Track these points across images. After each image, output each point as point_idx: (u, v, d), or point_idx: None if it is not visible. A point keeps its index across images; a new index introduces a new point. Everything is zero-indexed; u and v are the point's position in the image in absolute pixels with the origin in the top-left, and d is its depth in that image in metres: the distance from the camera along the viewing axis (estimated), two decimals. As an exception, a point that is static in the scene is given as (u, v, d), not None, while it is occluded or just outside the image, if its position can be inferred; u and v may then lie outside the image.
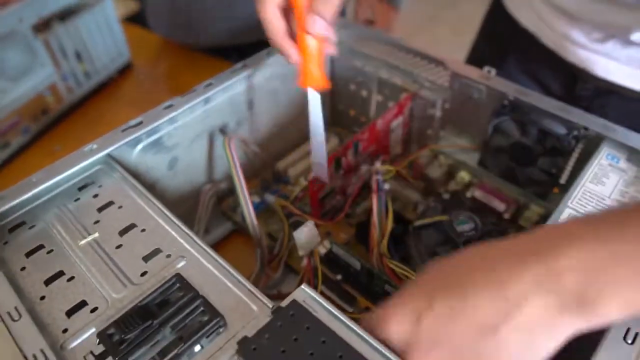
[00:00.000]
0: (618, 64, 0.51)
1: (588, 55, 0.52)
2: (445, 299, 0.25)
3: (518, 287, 0.24)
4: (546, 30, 0.57)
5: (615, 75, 0.52)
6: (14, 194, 0.37)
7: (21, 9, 0.61)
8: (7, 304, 0.29)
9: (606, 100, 0.54)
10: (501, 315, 0.24)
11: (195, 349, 0.28)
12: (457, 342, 0.25)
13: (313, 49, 0.40)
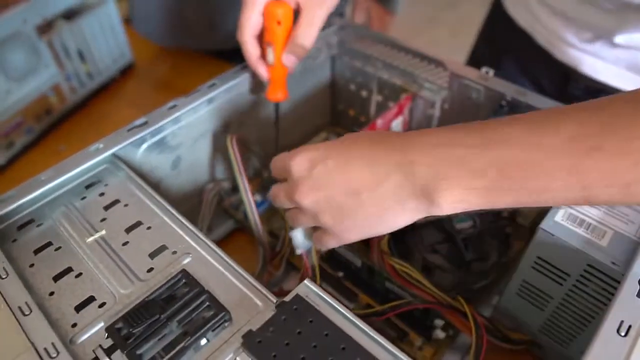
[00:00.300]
0: (605, 63, 0.52)
1: (577, 54, 0.53)
2: (336, 158, 0.32)
3: (384, 167, 0.30)
4: (540, 29, 0.58)
5: (603, 75, 0.53)
6: (23, 192, 0.37)
7: (25, 10, 0.62)
8: (17, 299, 0.30)
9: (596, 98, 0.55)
10: (366, 184, 0.30)
11: (201, 343, 0.29)
12: (330, 192, 0.32)
13: (281, 74, 0.49)
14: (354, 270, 0.46)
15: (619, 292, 0.29)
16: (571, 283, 0.35)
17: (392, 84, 0.55)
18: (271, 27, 0.45)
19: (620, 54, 0.51)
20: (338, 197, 0.31)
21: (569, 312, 0.37)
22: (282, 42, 0.46)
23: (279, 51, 0.46)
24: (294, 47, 0.46)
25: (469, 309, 0.37)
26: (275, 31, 0.45)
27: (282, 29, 0.45)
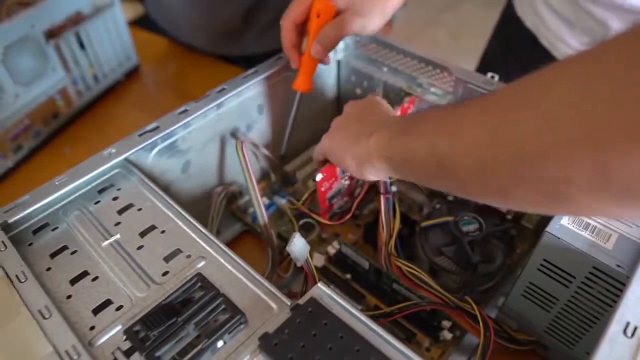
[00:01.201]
0: None
1: None
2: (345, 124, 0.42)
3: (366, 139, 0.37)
4: (544, 30, 0.60)
5: None
6: (37, 197, 0.38)
7: (33, 15, 0.62)
8: (37, 303, 0.30)
9: None
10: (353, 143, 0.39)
11: (218, 345, 0.29)
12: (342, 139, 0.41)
13: (310, 65, 0.51)
14: (361, 272, 0.47)
15: (625, 294, 0.30)
16: (577, 285, 0.36)
17: (398, 88, 0.55)
18: (311, 18, 0.48)
19: None
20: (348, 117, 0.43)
21: (575, 313, 0.37)
22: (316, 34, 0.48)
23: (310, 41, 0.49)
24: (322, 37, 0.48)
25: (477, 309, 0.38)
26: (312, 22, 0.48)
27: (318, 22, 0.48)
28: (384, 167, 0.36)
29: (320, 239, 0.52)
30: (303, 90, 0.52)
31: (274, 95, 0.54)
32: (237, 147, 0.47)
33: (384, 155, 0.35)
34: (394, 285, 0.45)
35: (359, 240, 0.52)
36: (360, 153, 0.37)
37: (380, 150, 0.35)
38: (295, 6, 0.48)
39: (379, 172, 0.37)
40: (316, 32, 0.48)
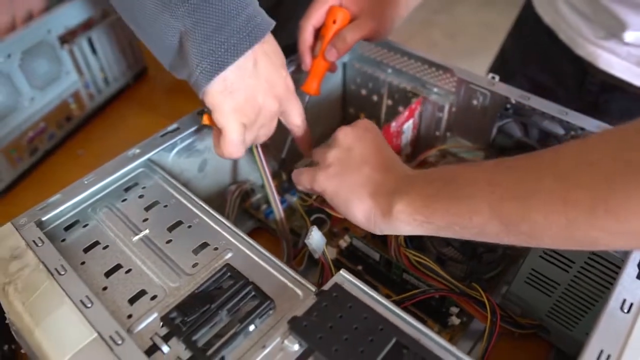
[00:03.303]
0: (618, 58, 0.56)
1: (594, 49, 0.58)
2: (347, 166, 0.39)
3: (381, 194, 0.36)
4: (563, 26, 0.63)
5: (617, 70, 0.57)
6: (68, 195, 0.40)
7: (49, 21, 0.64)
8: (79, 293, 0.33)
9: (610, 95, 0.59)
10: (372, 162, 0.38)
11: (250, 329, 0.32)
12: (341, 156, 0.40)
13: (321, 68, 0.53)
14: (372, 263, 0.50)
15: (621, 275, 0.32)
16: (576, 270, 0.39)
17: (402, 89, 0.58)
18: (328, 23, 0.51)
19: (631, 50, 0.55)
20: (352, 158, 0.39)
21: (574, 296, 0.40)
22: (330, 38, 0.51)
23: (325, 45, 0.51)
24: (337, 41, 0.50)
25: (485, 295, 0.40)
26: (328, 27, 0.51)
27: (334, 27, 0.51)
28: (411, 229, 0.35)
29: (331, 233, 0.54)
30: (312, 92, 0.54)
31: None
32: (253, 147, 0.49)
33: (417, 220, 0.34)
34: (404, 275, 0.47)
35: (368, 234, 0.54)
36: (376, 212, 0.36)
37: (413, 214, 0.34)
38: (315, 11, 0.51)
39: (399, 231, 0.36)
40: (331, 37, 0.51)
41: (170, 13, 0.37)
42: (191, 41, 0.37)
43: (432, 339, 0.30)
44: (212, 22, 0.37)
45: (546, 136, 0.48)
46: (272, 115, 0.44)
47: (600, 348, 0.29)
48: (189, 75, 0.39)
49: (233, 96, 0.40)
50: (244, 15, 0.38)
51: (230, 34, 0.38)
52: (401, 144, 0.58)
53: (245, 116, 0.41)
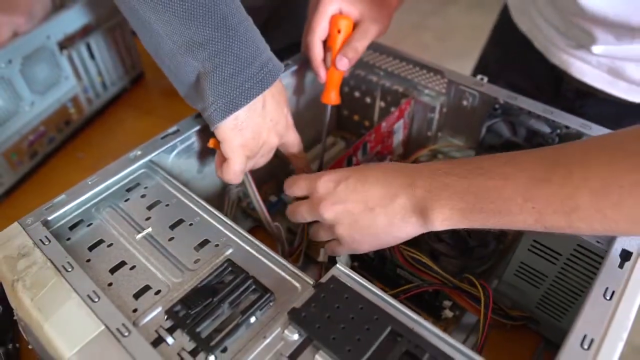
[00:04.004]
0: (590, 67, 0.58)
1: (567, 57, 0.60)
2: (357, 179, 0.39)
3: (394, 189, 0.37)
4: (537, 34, 0.65)
5: (588, 77, 0.59)
6: (73, 196, 0.41)
7: (49, 27, 0.65)
8: (86, 289, 0.34)
9: (585, 101, 0.61)
10: (379, 201, 0.38)
11: (251, 320, 0.33)
12: (349, 206, 0.39)
13: (336, 78, 0.54)
14: (367, 260, 0.51)
15: (604, 265, 0.34)
16: (563, 262, 0.40)
17: (394, 90, 0.60)
18: (333, 34, 0.52)
19: (600, 59, 0.57)
20: (355, 210, 0.39)
21: (561, 287, 0.42)
22: (339, 48, 0.52)
23: (334, 55, 0.53)
24: (347, 50, 0.52)
25: (479, 283, 0.42)
26: (335, 38, 0.52)
27: (341, 37, 0.52)
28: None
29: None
30: (333, 102, 0.56)
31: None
32: None
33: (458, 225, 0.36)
34: (398, 270, 0.49)
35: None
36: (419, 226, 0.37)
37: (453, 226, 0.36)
38: (318, 24, 0.51)
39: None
40: (340, 47, 0.52)
41: (192, 55, 0.40)
42: (209, 81, 0.41)
43: (425, 327, 0.31)
44: (230, 68, 0.41)
45: (533, 134, 0.50)
46: (273, 148, 0.49)
47: (584, 333, 0.30)
48: (202, 109, 0.43)
49: (242, 133, 0.43)
50: (258, 63, 0.42)
51: (245, 79, 0.41)
52: (393, 144, 0.59)
53: (250, 150, 0.45)
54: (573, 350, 0.30)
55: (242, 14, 0.42)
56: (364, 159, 0.56)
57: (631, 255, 0.35)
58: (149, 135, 0.48)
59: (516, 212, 0.33)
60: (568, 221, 0.31)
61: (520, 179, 0.33)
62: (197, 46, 0.40)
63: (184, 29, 0.39)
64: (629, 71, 0.55)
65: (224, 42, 0.40)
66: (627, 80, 0.56)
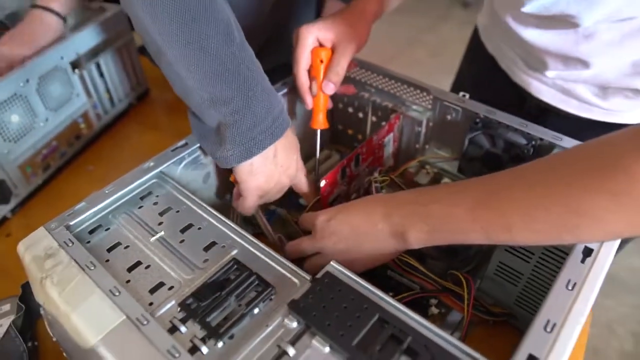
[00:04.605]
0: (546, 87, 0.64)
1: (526, 78, 0.65)
2: (344, 213, 0.47)
3: (375, 217, 0.44)
4: (502, 56, 0.70)
5: (545, 96, 0.64)
6: (92, 203, 0.46)
7: (62, 48, 0.70)
8: (108, 284, 0.38)
9: (546, 117, 0.67)
10: (363, 228, 0.45)
11: (255, 311, 0.37)
12: (341, 235, 0.46)
13: (322, 103, 0.59)
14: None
15: (568, 260, 0.39)
16: (535, 260, 0.45)
17: (385, 106, 0.65)
18: (315, 64, 0.57)
19: (554, 81, 0.62)
20: (346, 238, 0.45)
21: (535, 284, 0.46)
22: (324, 75, 0.57)
23: (320, 83, 0.57)
24: (330, 75, 0.57)
25: (461, 275, 0.46)
26: (318, 68, 0.57)
27: (323, 65, 0.57)
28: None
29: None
30: (321, 127, 0.61)
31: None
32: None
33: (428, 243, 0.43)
34: (388, 272, 0.53)
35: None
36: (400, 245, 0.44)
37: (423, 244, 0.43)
38: (301, 57, 0.57)
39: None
40: (324, 74, 0.57)
41: (216, 109, 0.47)
42: (228, 131, 0.47)
43: (409, 315, 0.36)
44: (248, 122, 0.47)
45: (511, 146, 0.55)
46: (284, 188, 0.56)
47: (548, 318, 0.35)
48: (220, 152, 0.49)
49: (256, 177, 0.51)
50: (271, 118, 0.49)
51: (260, 132, 0.48)
52: (384, 156, 0.64)
53: (263, 190, 0.53)
54: (537, 332, 0.34)
55: (261, 75, 0.49)
56: (356, 170, 0.60)
57: (592, 251, 0.39)
58: (154, 149, 0.52)
59: (469, 231, 0.40)
60: (509, 236, 0.38)
61: (467, 204, 0.40)
62: (221, 103, 0.46)
63: (211, 88, 0.46)
64: (578, 91, 0.61)
65: (244, 101, 0.47)
66: (578, 99, 0.62)
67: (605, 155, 0.35)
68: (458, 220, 0.40)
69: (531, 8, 0.55)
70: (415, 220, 0.42)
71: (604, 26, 0.53)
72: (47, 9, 0.73)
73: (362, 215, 0.46)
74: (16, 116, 0.65)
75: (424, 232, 0.42)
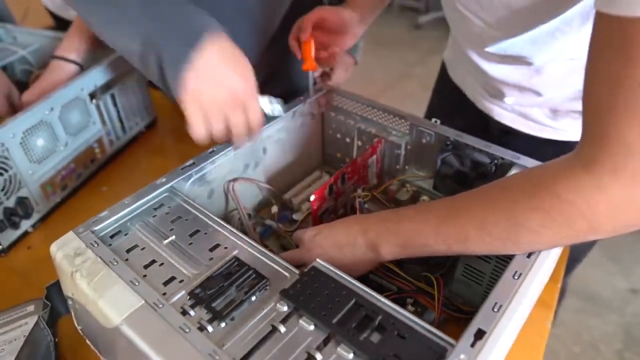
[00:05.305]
0: (506, 112, 0.73)
1: (489, 105, 0.74)
2: (329, 230, 0.54)
3: (354, 234, 0.52)
4: (466, 86, 0.79)
5: (506, 120, 0.73)
6: (113, 212, 0.53)
7: (82, 81, 0.79)
8: (129, 276, 0.45)
9: (508, 138, 0.75)
10: (344, 242, 0.52)
11: (252, 298, 0.44)
12: (325, 249, 0.52)
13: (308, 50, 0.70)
14: (346, 268, 0.62)
15: (517, 256, 0.46)
16: (495, 260, 0.52)
17: (368, 132, 0.73)
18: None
19: (513, 106, 0.71)
20: (329, 251, 0.52)
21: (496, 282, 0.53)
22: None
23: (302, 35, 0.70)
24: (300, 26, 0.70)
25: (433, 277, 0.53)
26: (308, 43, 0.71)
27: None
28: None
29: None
30: (313, 68, 0.71)
31: (273, 141, 0.71)
32: (229, 188, 0.64)
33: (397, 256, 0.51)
34: (370, 275, 0.60)
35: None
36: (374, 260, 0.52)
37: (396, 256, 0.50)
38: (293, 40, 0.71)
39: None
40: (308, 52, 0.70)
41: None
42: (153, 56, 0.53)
43: (380, 300, 0.43)
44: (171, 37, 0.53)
45: (477, 164, 0.63)
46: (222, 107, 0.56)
47: (495, 301, 0.42)
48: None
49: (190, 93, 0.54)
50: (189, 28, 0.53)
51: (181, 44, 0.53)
52: (368, 176, 0.72)
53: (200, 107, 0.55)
54: (486, 312, 0.41)
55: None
56: (343, 187, 0.68)
57: (536, 249, 0.47)
58: (161, 172, 0.59)
59: (433, 245, 0.47)
60: (465, 247, 0.46)
61: (431, 222, 0.48)
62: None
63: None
64: (533, 114, 0.70)
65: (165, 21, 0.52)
66: (534, 121, 0.71)
67: (540, 180, 0.43)
68: (424, 235, 0.48)
69: (492, 49, 0.65)
70: (387, 236, 0.50)
71: (552, 64, 0.62)
72: (67, 60, 0.82)
73: (344, 231, 0.53)
74: (41, 140, 0.73)
75: (396, 245, 0.49)
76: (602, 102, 0.37)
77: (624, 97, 0.35)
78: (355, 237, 0.51)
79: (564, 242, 0.45)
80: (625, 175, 0.37)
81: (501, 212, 0.44)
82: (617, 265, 1.71)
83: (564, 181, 0.40)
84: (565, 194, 0.40)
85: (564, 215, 0.41)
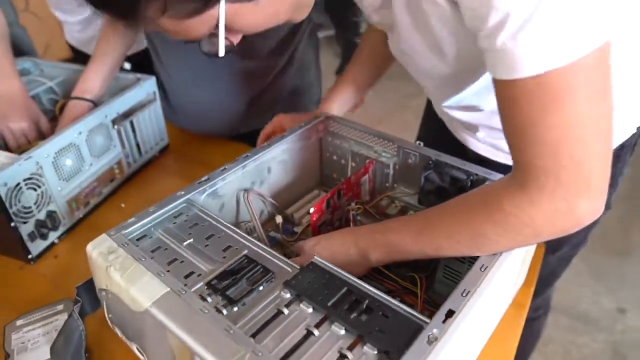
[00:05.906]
0: (480, 143, 0.81)
1: (465, 136, 0.83)
2: (326, 241, 0.62)
3: (347, 244, 0.60)
4: (446, 118, 0.89)
5: (480, 150, 0.82)
6: (139, 219, 0.62)
7: (107, 109, 0.89)
8: (156, 269, 0.53)
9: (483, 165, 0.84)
10: (339, 252, 0.60)
11: (260, 288, 0.52)
12: (325, 256, 0.57)
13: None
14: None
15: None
16: (468, 262, 0.60)
17: (361, 154, 0.82)
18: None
19: (485, 138, 0.80)
20: (326, 258, 0.57)
21: (470, 281, 0.61)
22: None
23: None
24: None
25: (417, 276, 0.61)
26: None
27: None
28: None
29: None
30: None
31: (277, 162, 0.80)
32: (244, 197, 0.72)
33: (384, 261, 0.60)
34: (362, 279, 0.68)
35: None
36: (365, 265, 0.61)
37: (383, 262, 0.59)
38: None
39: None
40: None
41: None
42: None
43: (367, 288, 0.51)
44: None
45: (455, 180, 0.72)
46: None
47: (464, 287, 0.50)
48: None
49: None
50: None
51: None
52: (361, 192, 0.81)
53: None
54: (456, 297, 0.49)
55: None
56: (339, 202, 0.77)
57: (501, 248, 0.55)
58: (172, 191, 0.67)
59: (414, 252, 0.56)
60: (439, 253, 0.55)
61: (411, 233, 0.57)
62: None
63: None
64: (504, 145, 0.79)
65: None
66: (504, 152, 0.80)
67: (491, 197, 0.53)
68: (405, 244, 0.57)
69: (449, 102, 0.75)
70: (375, 246, 0.59)
71: None
72: (83, 99, 0.92)
73: (339, 241, 0.61)
74: (70, 160, 0.82)
75: (382, 253, 0.58)
76: (517, 141, 0.49)
77: (532, 137, 0.46)
78: (349, 246, 0.60)
79: (520, 245, 0.54)
80: (547, 193, 0.47)
81: (465, 224, 0.54)
82: (605, 285, 1.77)
83: (507, 198, 0.50)
84: (510, 209, 0.50)
85: (511, 225, 0.51)
